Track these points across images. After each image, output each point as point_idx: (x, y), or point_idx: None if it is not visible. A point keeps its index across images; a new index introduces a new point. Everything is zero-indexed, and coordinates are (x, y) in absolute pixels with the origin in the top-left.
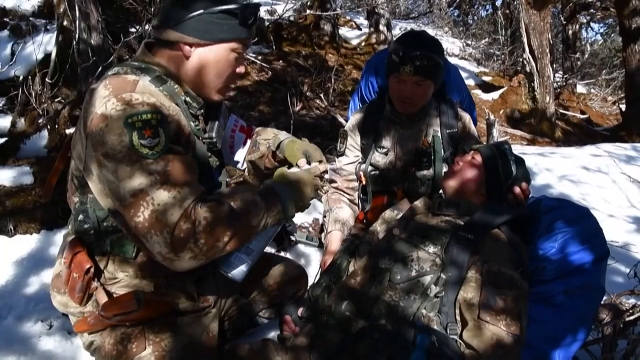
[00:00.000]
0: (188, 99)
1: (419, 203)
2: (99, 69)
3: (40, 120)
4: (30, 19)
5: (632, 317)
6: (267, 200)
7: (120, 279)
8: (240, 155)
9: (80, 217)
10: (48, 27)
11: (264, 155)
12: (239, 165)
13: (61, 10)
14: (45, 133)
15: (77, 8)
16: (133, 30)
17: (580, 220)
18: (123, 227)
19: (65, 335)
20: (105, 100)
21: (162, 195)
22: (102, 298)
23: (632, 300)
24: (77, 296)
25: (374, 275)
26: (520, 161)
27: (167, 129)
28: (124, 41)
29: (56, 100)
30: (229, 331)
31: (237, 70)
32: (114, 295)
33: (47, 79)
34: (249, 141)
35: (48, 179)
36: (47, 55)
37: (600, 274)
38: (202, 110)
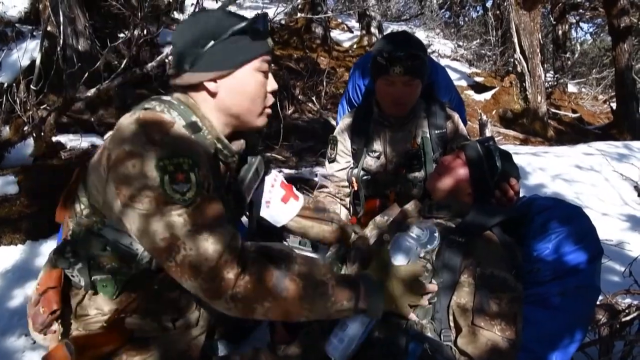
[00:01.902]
0: (220, 145)
1: (409, 207)
2: (85, 74)
3: (25, 128)
4: (17, 25)
5: (628, 317)
6: (341, 290)
7: (92, 316)
8: (281, 213)
9: (68, 250)
10: (34, 33)
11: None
12: (278, 224)
13: (46, 15)
14: (30, 141)
15: (61, 13)
16: (121, 35)
17: (573, 220)
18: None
19: None
20: (136, 138)
21: (194, 242)
22: (52, 345)
23: (627, 300)
24: (37, 327)
25: None
26: (506, 156)
27: (199, 175)
28: (110, 46)
29: (42, 107)
30: (220, 341)
31: (269, 89)
32: (78, 332)
33: (31, 86)
34: (293, 201)
35: (61, 201)
36: (33, 62)
37: (595, 274)
38: (234, 158)
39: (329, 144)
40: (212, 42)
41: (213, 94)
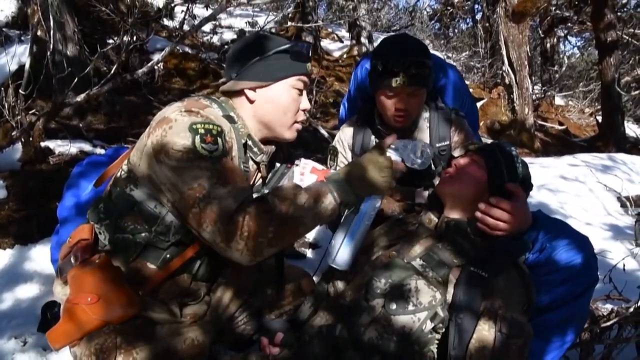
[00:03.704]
0: (250, 142)
1: (426, 222)
2: (75, 80)
3: (13, 133)
4: (4, 29)
5: (608, 323)
6: (313, 197)
7: None
8: None
9: (101, 207)
10: (22, 37)
11: None
12: None
13: (35, 20)
14: (19, 146)
15: (51, 18)
16: (111, 41)
17: (580, 253)
18: (180, 218)
19: (40, 352)
20: (175, 109)
21: (218, 191)
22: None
23: (608, 306)
24: (64, 277)
25: (367, 299)
26: (524, 163)
27: (225, 142)
28: (100, 52)
29: (30, 112)
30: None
31: (301, 107)
32: None
33: (20, 91)
34: None
35: (104, 172)
36: (21, 67)
37: (590, 299)
38: (263, 157)
39: (329, 155)
40: (257, 58)
41: (251, 101)
